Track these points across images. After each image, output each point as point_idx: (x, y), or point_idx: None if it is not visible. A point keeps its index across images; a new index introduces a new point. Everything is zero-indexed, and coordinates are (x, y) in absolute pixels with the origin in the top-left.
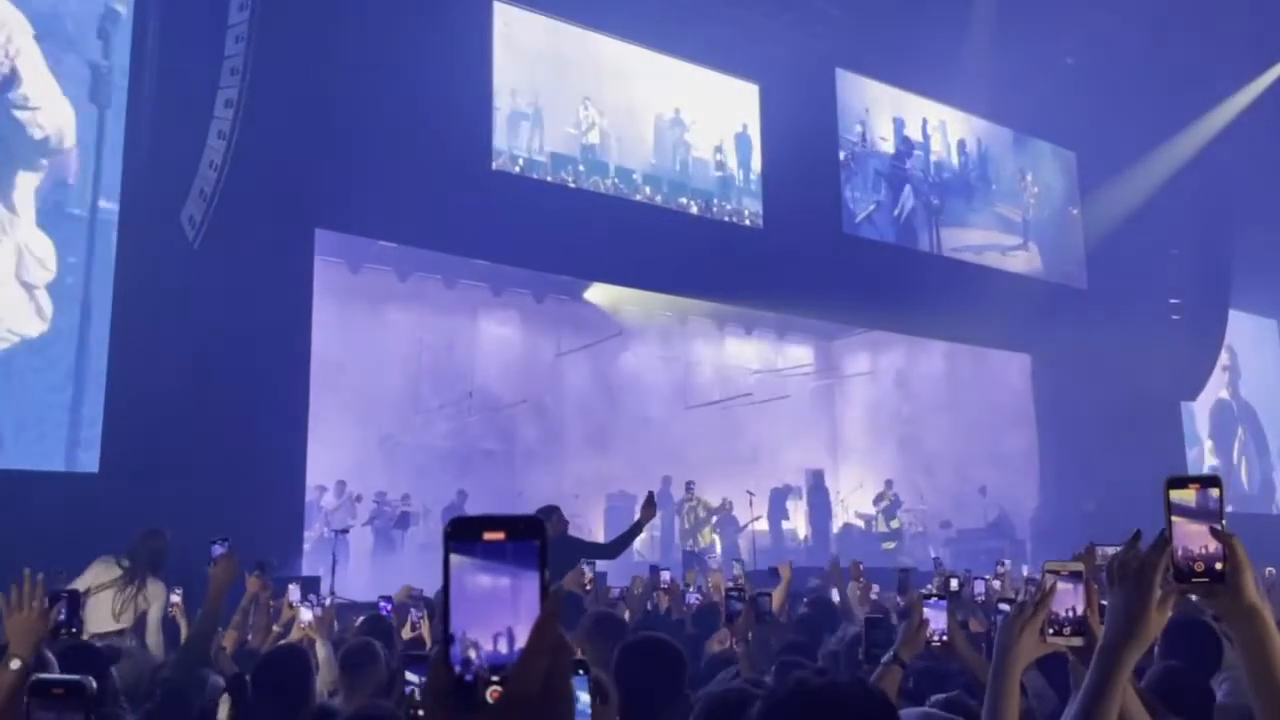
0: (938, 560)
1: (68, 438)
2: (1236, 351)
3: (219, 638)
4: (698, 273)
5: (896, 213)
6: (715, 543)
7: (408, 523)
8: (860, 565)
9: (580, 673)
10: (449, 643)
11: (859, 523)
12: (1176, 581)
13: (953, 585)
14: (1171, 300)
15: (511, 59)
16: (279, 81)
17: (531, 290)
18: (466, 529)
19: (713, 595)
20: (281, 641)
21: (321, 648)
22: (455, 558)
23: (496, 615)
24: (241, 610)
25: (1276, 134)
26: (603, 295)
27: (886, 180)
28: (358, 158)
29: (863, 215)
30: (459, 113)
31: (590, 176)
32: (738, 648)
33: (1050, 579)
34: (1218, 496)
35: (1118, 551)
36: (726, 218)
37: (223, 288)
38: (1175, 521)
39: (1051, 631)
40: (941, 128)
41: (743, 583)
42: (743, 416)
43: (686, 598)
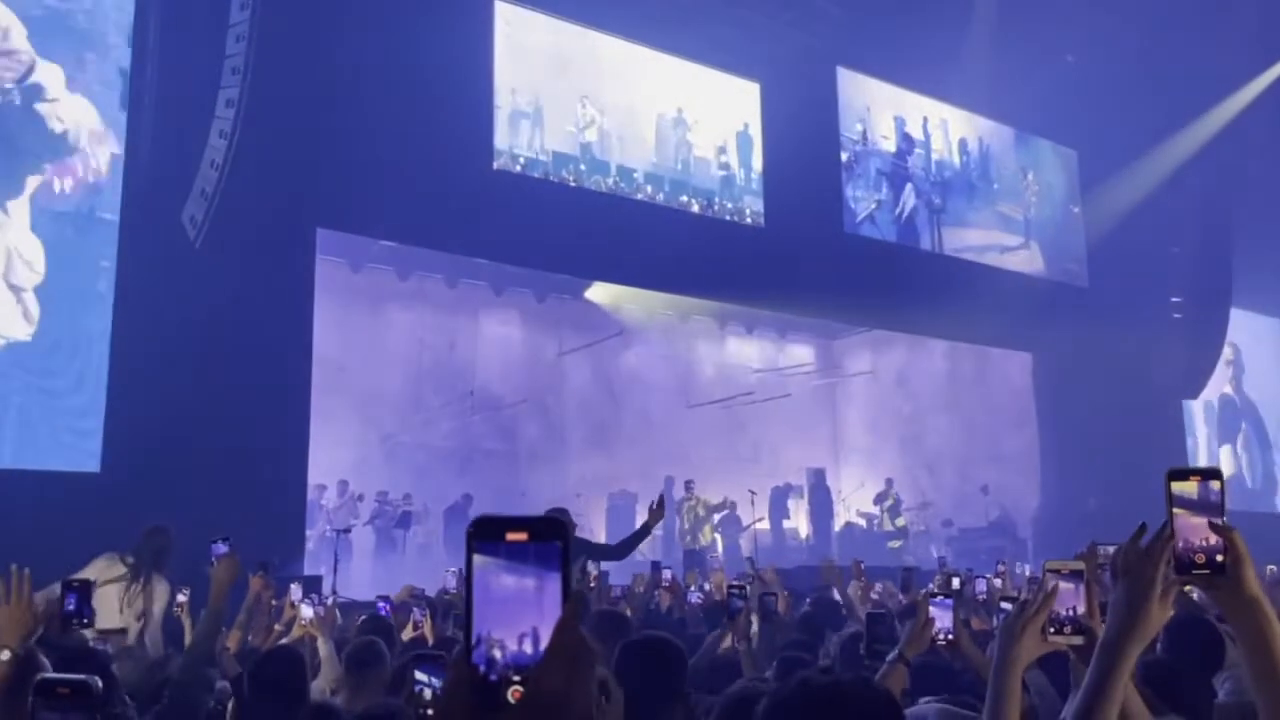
0: (942, 559)
1: (68, 437)
2: (1241, 348)
3: (222, 638)
4: (699, 272)
5: (898, 211)
6: (717, 541)
7: (409, 522)
8: (861, 564)
9: None
10: (474, 642)
11: (861, 522)
12: (1177, 574)
13: (954, 584)
14: (1173, 298)
15: (513, 58)
16: (280, 81)
17: (533, 289)
18: (490, 530)
19: (714, 595)
20: (283, 640)
21: (323, 646)
22: (478, 558)
23: (519, 616)
24: (245, 610)
25: (1278, 132)
26: (604, 294)
27: (888, 179)
28: (359, 157)
29: (864, 214)
30: (460, 112)
31: (592, 175)
32: (739, 646)
33: (1052, 580)
34: (1219, 489)
35: (1121, 546)
36: (728, 217)
37: (224, 287)
38: (1176, 514)
39: (1052, 630)
40: (943, 126)
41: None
42: (744, 415)
43: (688, 597)
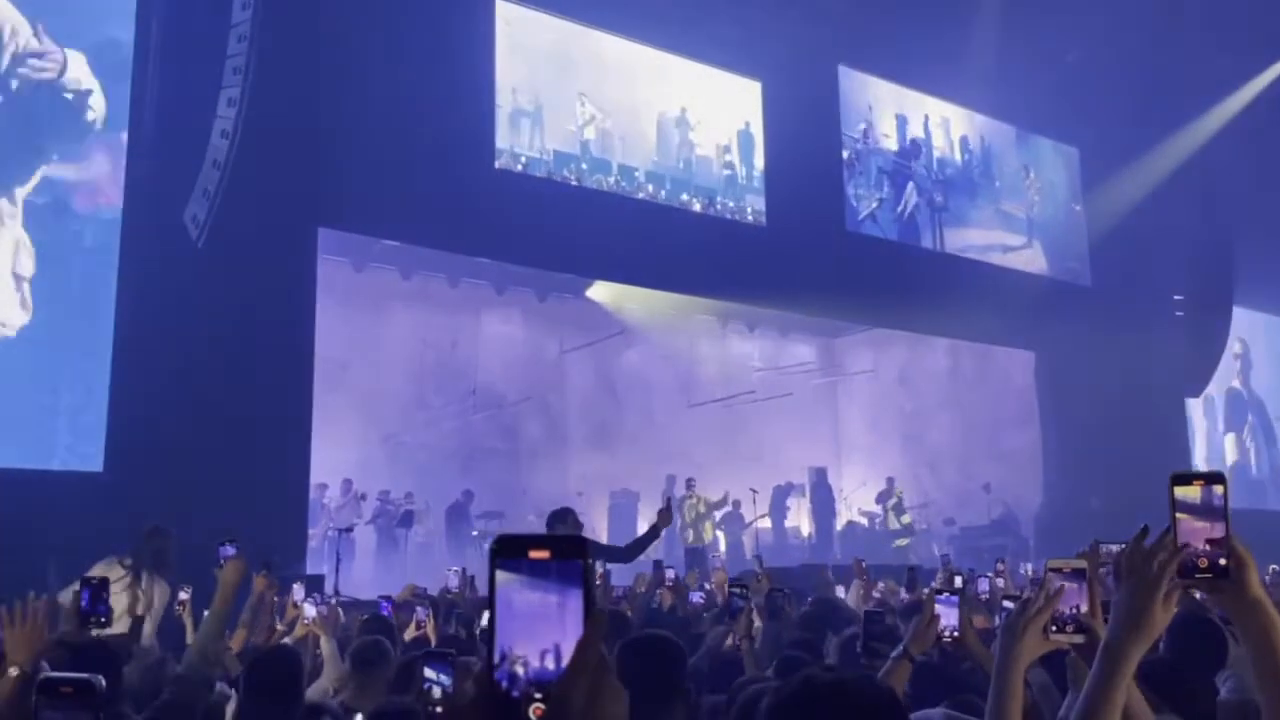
0: (945, 557)
1: (68, 437)
2: (1249, 344)
3: (225, 638)
4: (700, 270)
5: (899, 210)
6: (719, 538)
7: (411, 521)
8: (863, 563)
9: None
10: (497, 659)
11: (863, 520)
12: (1180, 578)
13: (956, 582)
14: (1175, 296)
15: (514, 57)
16: (282, 80)
17: (534, 288)
18: (512, 547)
19: (717, 594)
20: (285, 640)
21: (326, 644)
22: (501, 575)
23: (542, 632)
24: (249, 609)
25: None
26: (606, 293)
27: (889, 177)
28: (361, 156)
29: (866, 213)
30: (462, 111)
31: (593, 174)
32: (741, 644)
33: (1054, 579)
34: (1222, 493)
35: (1124, 547)
36: (729, 215)
37: (226, 286)
38: (1179, 518)
39: (1054, 629)
40: (944, 125)
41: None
42: (746, 414)
43: (691, 596)
